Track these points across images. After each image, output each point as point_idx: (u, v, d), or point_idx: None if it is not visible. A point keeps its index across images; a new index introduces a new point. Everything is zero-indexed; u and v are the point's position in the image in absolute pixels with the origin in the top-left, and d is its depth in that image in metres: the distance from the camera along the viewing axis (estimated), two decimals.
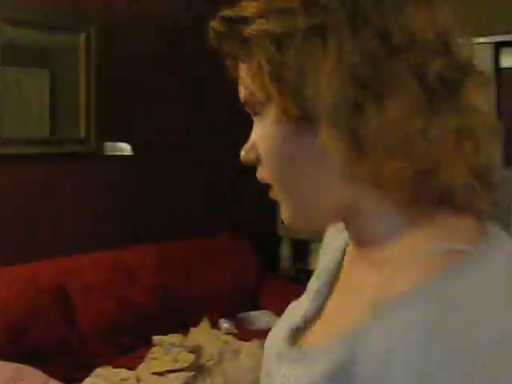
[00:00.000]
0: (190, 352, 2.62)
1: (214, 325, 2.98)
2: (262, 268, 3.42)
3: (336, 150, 0.55)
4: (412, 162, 0.53)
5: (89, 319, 2.71)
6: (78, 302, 2.71)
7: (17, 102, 2.73)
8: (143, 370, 2.57)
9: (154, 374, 2.51)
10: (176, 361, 2.57)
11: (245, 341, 2.77)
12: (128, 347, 2.75)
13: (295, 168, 0.59)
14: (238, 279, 3.25)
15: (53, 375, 2.24)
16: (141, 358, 2.67)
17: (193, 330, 2.88)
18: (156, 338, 2.79)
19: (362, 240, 0.62)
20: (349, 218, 0.61)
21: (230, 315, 3.09)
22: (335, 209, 0.60)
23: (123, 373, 2.53)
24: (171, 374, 2.49)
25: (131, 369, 2.57)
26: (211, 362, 2.60)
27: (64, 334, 2.64)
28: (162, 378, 2.49)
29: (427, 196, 0.55)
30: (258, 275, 3.36)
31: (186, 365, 2.53)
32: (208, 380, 2.49)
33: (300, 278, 3.55)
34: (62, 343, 2.61)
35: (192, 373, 2.50)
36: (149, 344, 2.77)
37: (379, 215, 0.58)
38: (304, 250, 3.68)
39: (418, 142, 0.53)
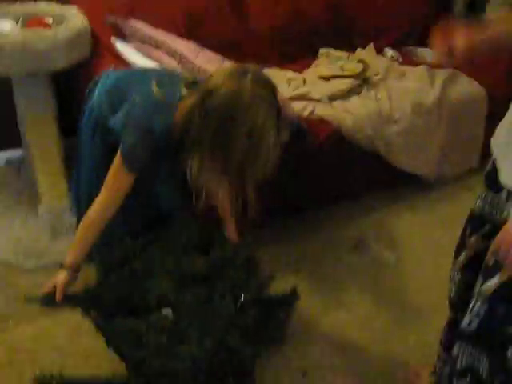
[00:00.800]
0: (357, 63, 2.63)
1: (379, 52, 2.94)
2: (436, 8, 3.22)
3: None
4: None
5: (261, 23, 2.74)
6: (254, 3, 2.73)
7: None
8: (310, 73, 2.64)
9: (320, 78, 2.57)
10: (342, 70, 2.60)
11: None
12: (294, 56, 2.80)
13: None
14: (409, 13, 3.11)
15: None
16: (307, 66, 2.73)
17: (359, 50, 2.87)
18: (323, 50, 2.81)
19: None
20: None
21: (397, 46, 3.02)
22: None
23: (291, 73, 2.61)
24: (336, 80, 2.54)
25: (297, 72, 2.65)
26: (377, 77, 2.60)
27: (236, 34, 2.70)
28: (327, 83, 2.54)
29: None
30: (430, 14, 3.19)
31: (352, 74, 2.55)
32: (372, 92, 2.52)
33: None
34: (234, 42, 2.68)
35: (357, 81, 2.53)
36: (315, 56, 2.81)
37: None
38: None
39: None
